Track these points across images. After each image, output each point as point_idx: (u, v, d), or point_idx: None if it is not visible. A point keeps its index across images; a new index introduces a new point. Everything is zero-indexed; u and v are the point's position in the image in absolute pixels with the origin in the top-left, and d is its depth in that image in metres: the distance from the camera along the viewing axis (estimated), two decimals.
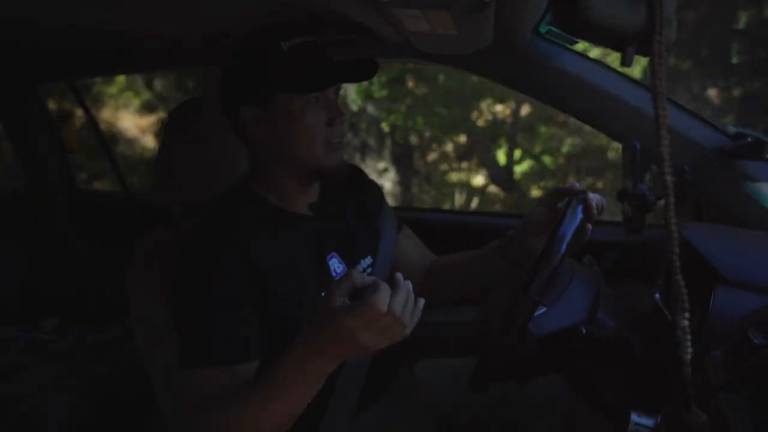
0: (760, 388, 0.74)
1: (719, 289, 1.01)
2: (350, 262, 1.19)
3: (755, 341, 0.83)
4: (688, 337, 0.66)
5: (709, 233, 1.21)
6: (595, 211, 1.09)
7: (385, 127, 6.02)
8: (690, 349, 0.68)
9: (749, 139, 1.32)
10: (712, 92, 5.20)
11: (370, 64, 1.13)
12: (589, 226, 1.09)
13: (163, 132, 1.28)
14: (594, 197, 1.10)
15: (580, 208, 1.03)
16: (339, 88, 1.12)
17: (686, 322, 0.65)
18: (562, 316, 0.99)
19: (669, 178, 0.62)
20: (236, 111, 1.08)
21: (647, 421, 0.82)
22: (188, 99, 1.30)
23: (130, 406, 1.78)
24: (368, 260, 1.24)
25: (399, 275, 0.87)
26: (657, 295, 1.35)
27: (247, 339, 1.02)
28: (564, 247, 0.95)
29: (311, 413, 1.10)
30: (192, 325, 1.02)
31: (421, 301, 0.88)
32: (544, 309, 0.98)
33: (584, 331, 0.94)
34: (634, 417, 0.83)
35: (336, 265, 1.17)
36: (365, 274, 1.21)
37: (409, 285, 0.87)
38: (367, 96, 5.75)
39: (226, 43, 1.11)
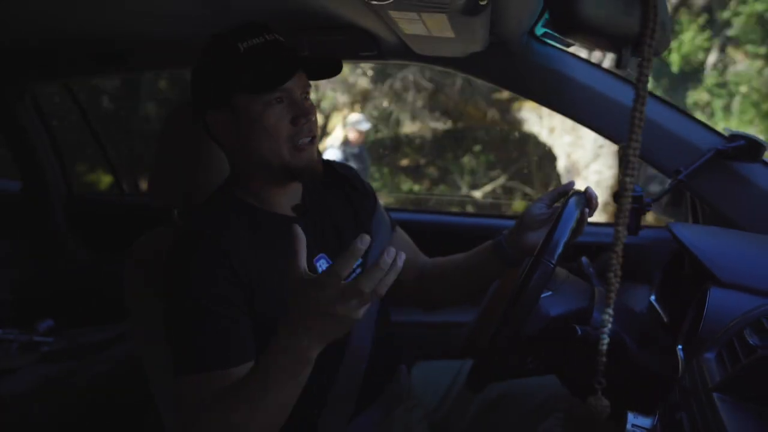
0: (756, 389, 0.74)
1: (714, 290, 1.01)
2: None
3: (750, 342, 0.83)
4: (608, 327, 0.75)
5: (704, 235, 1.22)
6: (594, 202, 1.11)
7: None
8: (606, 340, 0.76)
9: (744, 141, 1.33)
10: None
11: (334, 61, 1.12)
12: (588, 211, 1.10)
13: (161, 133, 1.28)
14: (592, 191, 1.12)
15: (581, 197, 1.05)
16: (308, 87, 1.10)
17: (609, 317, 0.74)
18: (569, 300, 1.00)
19: (629, 180, 0.63)
20: (204, 116, 1.09)
21: (644, 422, 0.83)
22: (185, 100, 1.30)
23: (125, 408, 1.78)
24: (358, 261, 1.23)
25: (384, 253, 0.84)
26: (652, 297, 1.36)
27: (237, 342, 1.01)
28: (572, 222, 0.97)
29: (309, 415, 1.10)
30: (180, 331, 1.01)
31: (383, 264, 0.83)
32: (550, 293, 0.99)
33: (579, 331, 0.94)
34: (631, 417, 0.83)
35: (324, 266, 1.17)
36: (354, 274, 1.21)
37: (390, 253, 0.84)
38: None
39: None
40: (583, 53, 1.48)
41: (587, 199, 1.09)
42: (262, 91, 1.04)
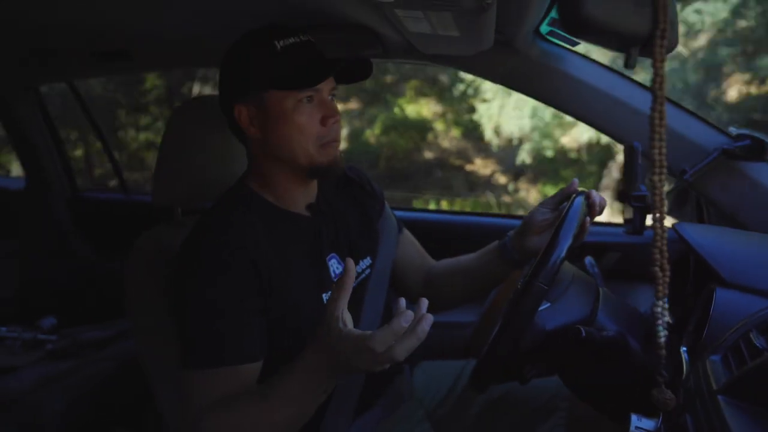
0: (762, 392, 0.74)
1: (720, 291, 1.00)
2: None
3: (756, 344, 0.82)
4: (665, 326, 0.71)
5: (710, 235, 1.21)
6: (597, 209, 1.10)
7: None
8: (664, 337, 0.73)
9: (750, 141, 1.32)
10: None
11: (366, 64, 1.12)
12: (589, 220, 1.09)
13: (164, 132, 1.28)
14: (596, 196, 1.11)
15: (583, 204, 1.04)
16: (335, 89, 1.11)
17: (662, 309, 0.70)
18: (567, 312, 0.99)
19: (657, 179, 0.61)
20: (231, 109, 1.09)
21: (648, 424, 0.82)
22: (190, 99, 1.30)
23: (127, 406, 1.78)
24: (367, 261, 1.24)
25: (399, 316, 0.84)
26: None
27: (250, 339, 1.02)
28: (570, 239, 0.96)
29: (312, 415, 1.11)
30: (194, 327, 1.02)
31: (421, 331, 0.84)
32: (548, 304, 0.98)
33: (584, 333, 0.94)
34: (635, 419, 0.83)
35: (335, 265, 1.17)
36: (363, 275, 1.22)
37: (406, 319, 0.84)
38: None
39: (226, 43, 1.11)
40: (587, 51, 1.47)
41: (590, 205, 1.08)
42: (297, 88, 1.05)
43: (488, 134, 5.62)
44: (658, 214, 0.64)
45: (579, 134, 5.25)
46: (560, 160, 5.60)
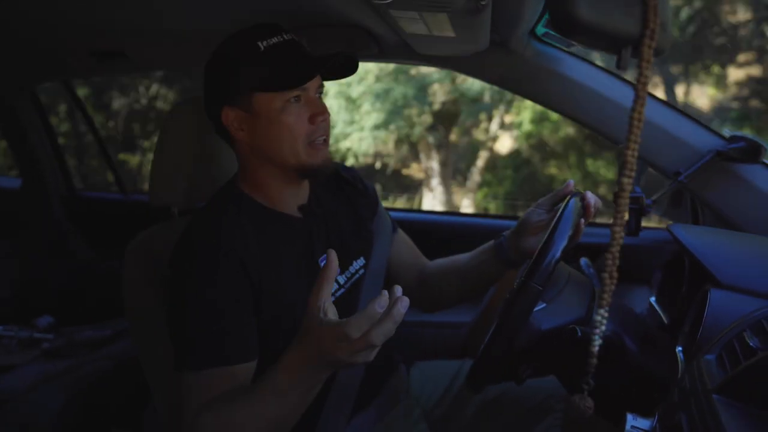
0: (756, 391, 0.74)
1: (714, 292, 1.01)
2: (342, 263, 1.19)
3: (751, 344, 0.83)
4: (602, 329, 0.72)
5: (704, 237, 1.21)
6: (592, 210, 1.10)
7: None
8: (599, 342, 0.74)
9: (744, 143, 1.32)
10: None
11: (351, 60, 1.12)
12: (583, 221, 1.09)
13: (161, 132, 1.28)
14: (591, 197, 1.11)
15: (578, 205, 1.04)
16: (321, 87, 1.11)
17: (602, 318, 0.72)
18: (563, 312, 0.99)
19: (626, 181, 0.61)
20: (218, 113, 1.08)
21: (643, 423, 0.82)
22: (185, 99, 1.30)
23: (124, 405, 1.78)
24: (361, 261, 1.24)
25: (373, 301, 0.83)
26: (652, 298, 1.35)
27: (243, 340, 1.02)
28: (565, 240, 0.95)
29: (308, 414, 1.11)
30: (193, 327, 1.01)
31: (397, 313, 0.81)
32: (544, 305, 0.98)
33: (580, 333, 0.94)
34: (630, 418, 0.83)
35: None
36: (357, 275, 1.22)
37: (380, 303, 0.82)
38: None
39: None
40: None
41: (584, 206, 1.09)
42: (282, 89, 1.04)
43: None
44: (617, 219, 0.63)
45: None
46: None
